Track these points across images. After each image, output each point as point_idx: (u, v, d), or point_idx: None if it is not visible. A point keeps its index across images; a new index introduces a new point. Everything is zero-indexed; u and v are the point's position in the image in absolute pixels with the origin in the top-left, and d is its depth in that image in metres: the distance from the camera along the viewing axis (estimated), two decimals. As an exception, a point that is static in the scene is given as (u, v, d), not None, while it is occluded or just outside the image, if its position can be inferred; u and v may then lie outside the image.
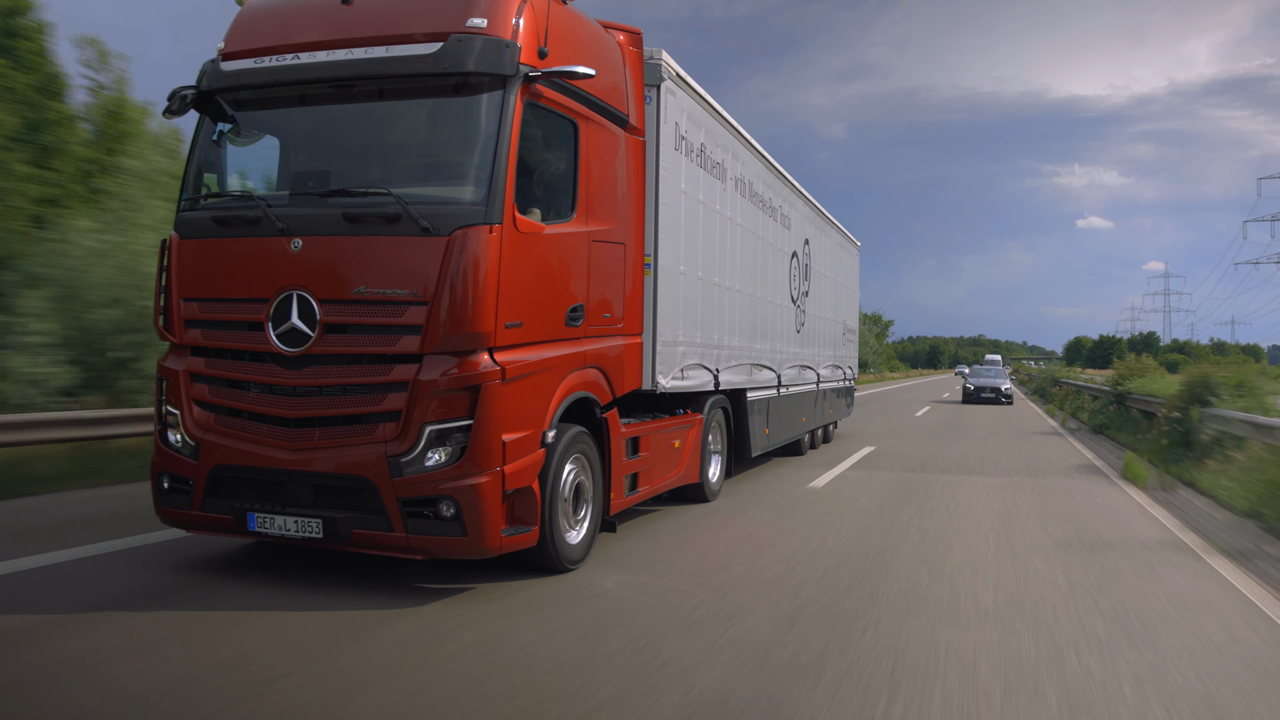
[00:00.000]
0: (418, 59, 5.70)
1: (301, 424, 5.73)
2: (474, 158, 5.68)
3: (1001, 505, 9.98)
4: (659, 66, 7.79)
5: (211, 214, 6.14)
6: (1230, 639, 5.28)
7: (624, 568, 6.59)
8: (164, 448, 6.18)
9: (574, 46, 6.37)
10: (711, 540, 7.65)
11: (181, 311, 6.16)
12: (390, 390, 5.56)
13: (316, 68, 5.92)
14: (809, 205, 14.51)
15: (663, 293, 7.90)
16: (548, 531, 6.07)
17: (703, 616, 5.37)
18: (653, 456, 7.98)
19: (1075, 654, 4.88)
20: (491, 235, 5.52)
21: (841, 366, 17.52)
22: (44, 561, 6.32)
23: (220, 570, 6.25)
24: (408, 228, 5.54)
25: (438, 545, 5.58)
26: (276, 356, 5.79)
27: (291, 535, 5.69)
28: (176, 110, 6.32)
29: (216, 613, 5.25)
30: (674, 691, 4.17)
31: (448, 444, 5.52)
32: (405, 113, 6.08)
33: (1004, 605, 5.77)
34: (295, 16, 6.25)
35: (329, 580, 6.01)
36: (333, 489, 5.68)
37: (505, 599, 5.68)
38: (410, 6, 5.98)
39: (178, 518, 6.15)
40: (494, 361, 5.59)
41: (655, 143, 7.78)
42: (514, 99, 5.70)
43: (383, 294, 5.58)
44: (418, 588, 5.90)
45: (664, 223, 7.86)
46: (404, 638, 4.86)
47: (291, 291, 5.73)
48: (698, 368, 8.97)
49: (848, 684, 4.34)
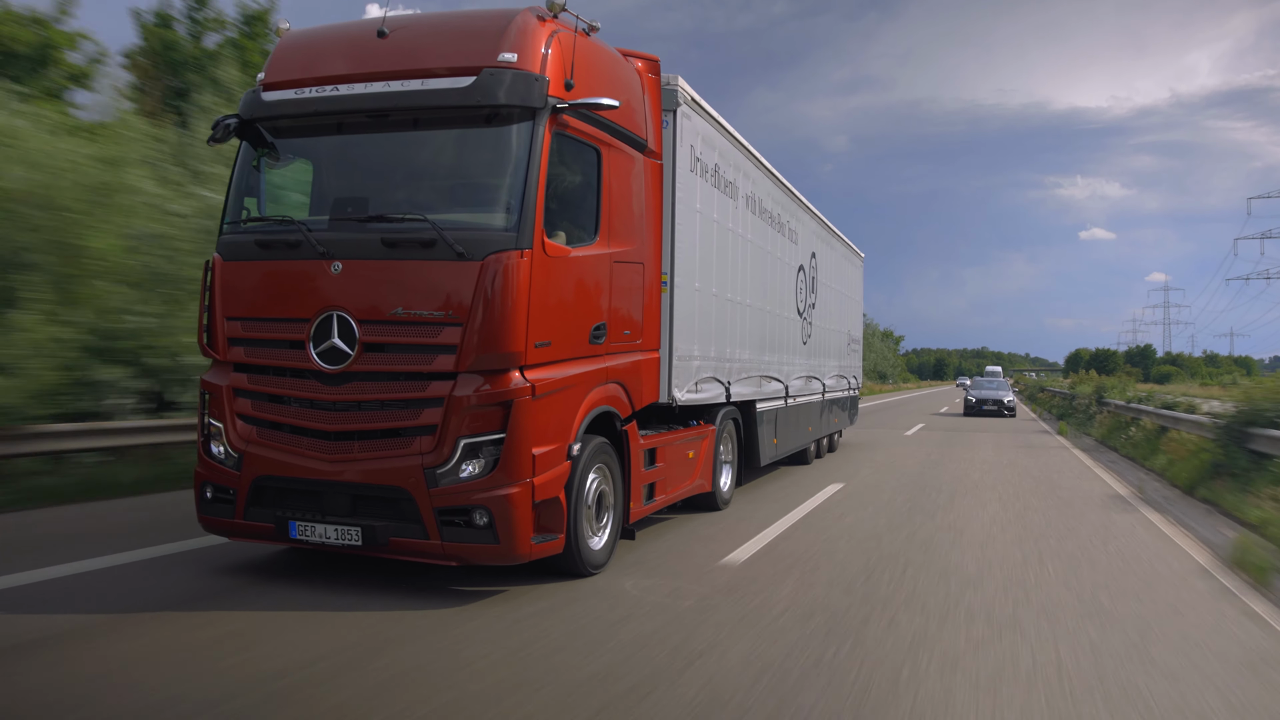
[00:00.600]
0: (452, 92, 6.02)
1: (341, 437, 6.05)
2: (505, 185, 6.01)
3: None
4: (675, 92, 8.12)
5: (254, 237, 6.46)
6: (1071, 466, 16.13)
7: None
8: (207, 459, 6.49)
9: (597, 77, 6.70)
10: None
11: (225, 330, 6.48)
12: (426, 406, 5.88)
13: (354, 99, 6.24)
14: (815, 219, 14.84)
15: (678, 309, 8.22)
16: (573, 539, 6.39)
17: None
18: (669, 467, 8.30)
19: (1012, 471, 12.57)
20: (522, 260, 5.85)
21: (846, 376, 17.84)
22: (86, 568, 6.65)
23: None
24: (443, 252, 5.86)
25: (471, 552, 5.89)
26: (317, 373, 6.10)
27: (331, 543, 6.01)
28: (220, 138, 6.64)
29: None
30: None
31: (481, 456, 5.83)
32: (439, 142, 6.42)
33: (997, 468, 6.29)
34: (333, 49, 6.58)
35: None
36: (371, 499, 6.00)
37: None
38: (444, 40, 6.31)
39: (221, 526, 6.46)
40: (524, 379, 5.91)
41: (671, 165, 8.10)
42: (543, 129, 6.03)
43: (419, 315, 5.90)
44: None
45: (680, 242, 8.19)
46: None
47: (332, 312, 6.06)
48: (710, 381, 9.29)
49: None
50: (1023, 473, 15.02)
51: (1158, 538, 9.22)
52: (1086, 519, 10.28)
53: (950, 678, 4.77)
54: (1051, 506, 11.18)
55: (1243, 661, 5.27)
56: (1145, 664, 5.12)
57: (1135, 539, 9.09)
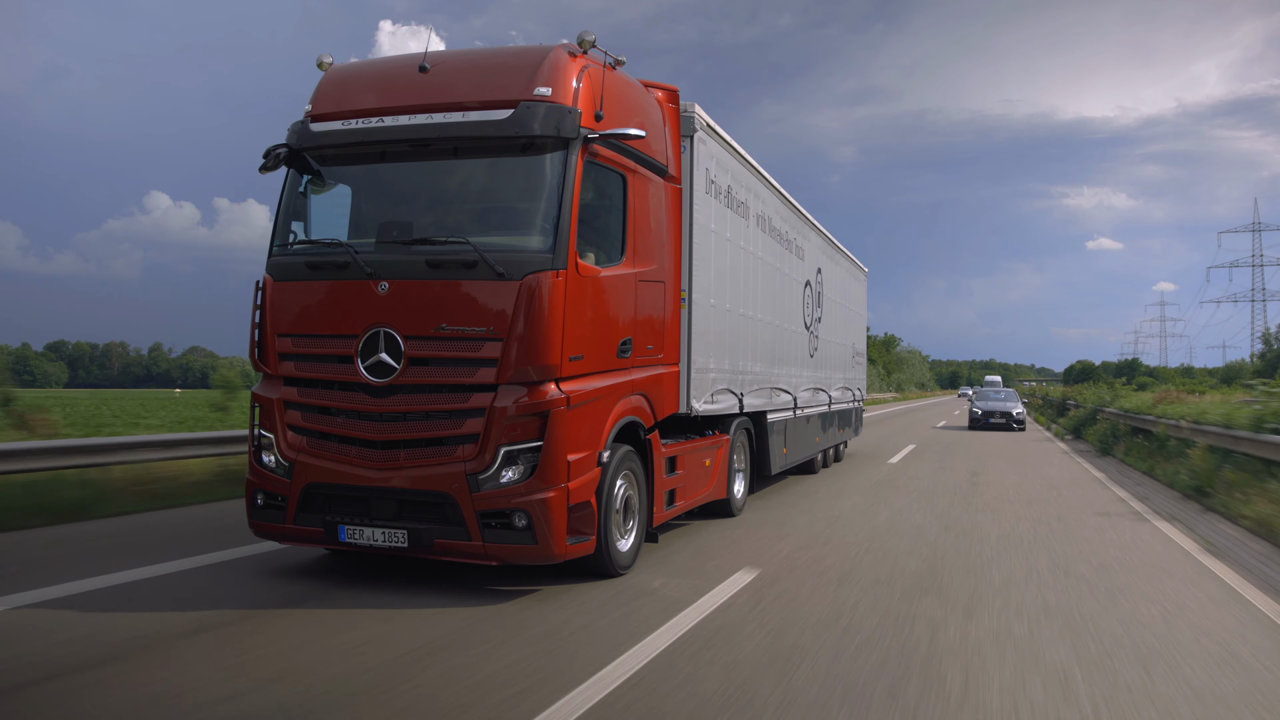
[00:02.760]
0: (490, 123, 6.48)
1: (387, 446, 6.46)
2: (541, 210, 6.45)
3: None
4: (693, 119, 8.58)
5: (303, 259, 6.90)
6: (1043, 447, 24.59)
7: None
8: (258, 468, 6.90)
9: (624, 107, 7.15)
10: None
11: (275, 346, 6.90)
12: (469, 416, 6.30)
13: (398, 130, 6.70)
14: (821, 235, 15.30)
15: (696, 325, 8.65)
16: (603, 540, 6.80)
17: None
18: (688, 474, 8.72)
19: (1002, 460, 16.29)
20: (558, 280, 6.28)
21: (851, 388, 18.27)
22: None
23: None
24: (484, 273, 6.29)
25: (511, 553, 6.31)
26: (364, 386, 6.53)
27: (379, 545, 6.42)
28: (270, 166, 7.08)
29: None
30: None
31: (520, 463, 6.26)
32: (478, 170, 6.88)
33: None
34: (376, 82, 7.04)
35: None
36: (416, 503, 6.41)
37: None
38: (482, 75, 6.77)
39: (272, 531, 6.87)
40: (560, 390, 6.34)
41: (690, 188, 8.56)
42: (575, 158, 6.48)
43: (462, 331, 6.33)
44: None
45: (697, 260, 8.63)
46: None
47: (379, 329, 6.48)
48: (725, 392, 9.71)
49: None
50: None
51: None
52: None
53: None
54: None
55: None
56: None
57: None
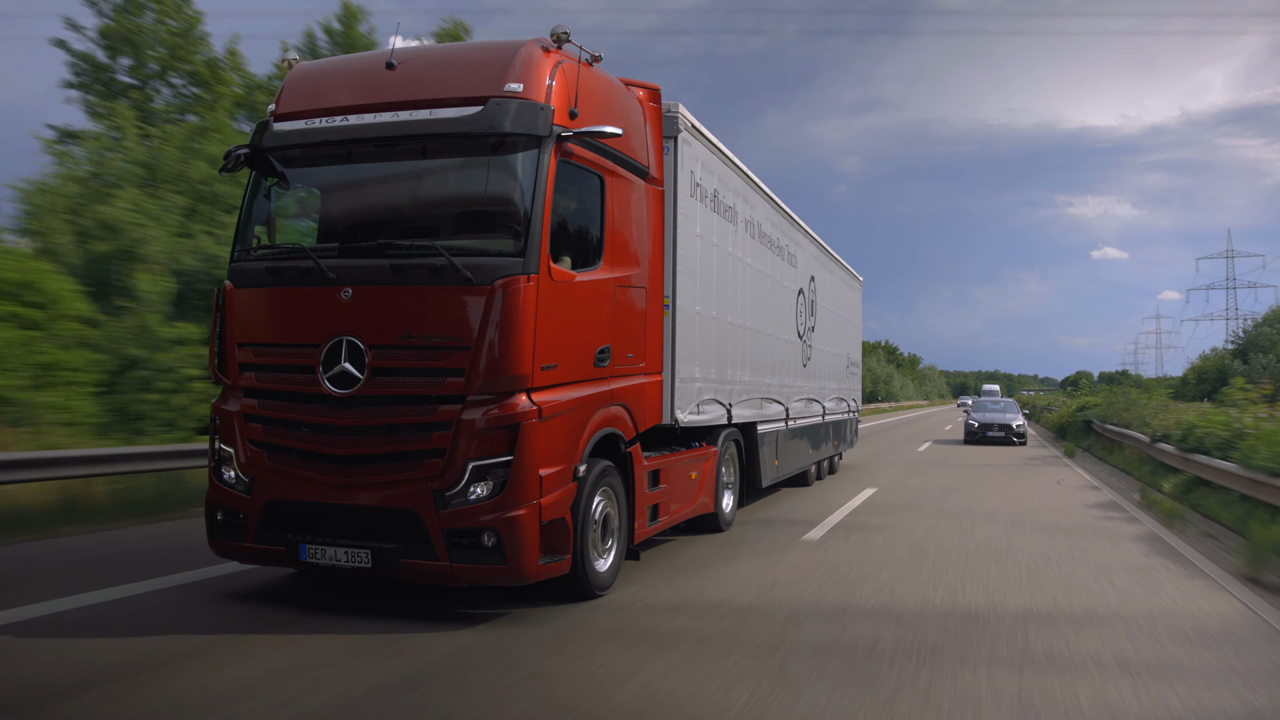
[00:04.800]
0: (459, 120, 6.16)
1: (351, 461, 6.13)
2: (512, 212, 6.13)
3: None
4: (676, 119, 8.27)
5: (265, 265, 6.58)
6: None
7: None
8: (218, 484, 6.56)
9: (601, 105, 6.84)
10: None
11: (236, 356, 6.58)
12: (435, 429, 5.97)
13: (363, 129, 6.38)
14: (814, 243, 15.00)
15: (680, 332, 8.33)
16: (579, 560, 6.46)
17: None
18: (672, 488, 8.38)
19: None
20: (529, 284, 5.96)
21: (845, 399, 17.94)
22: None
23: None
24: (451, 278, 5.97)
25: (479, 573, 5.97)
26: (327, 398, 6.19)
27: (342, 565, 6.08)
28: (231, 168, 6.77)
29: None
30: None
31: (489, 479, 5.92)
32: (447, 170, 6.55)
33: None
34: (342, 80, 6.74)
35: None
36: (381, 521, 6.07)
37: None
38: (451, 71, 6.47)
39: (233, 550, 6.53)
40: (531, 402, 6.01)
41: (673, 190, 8.24)
42: (548, 157, 6.16)
43: (428, 339, 6.01)
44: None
45: (681, 266, 8.31)
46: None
47: (342, 337, 6.15)
48: (712, 403, 9.39)
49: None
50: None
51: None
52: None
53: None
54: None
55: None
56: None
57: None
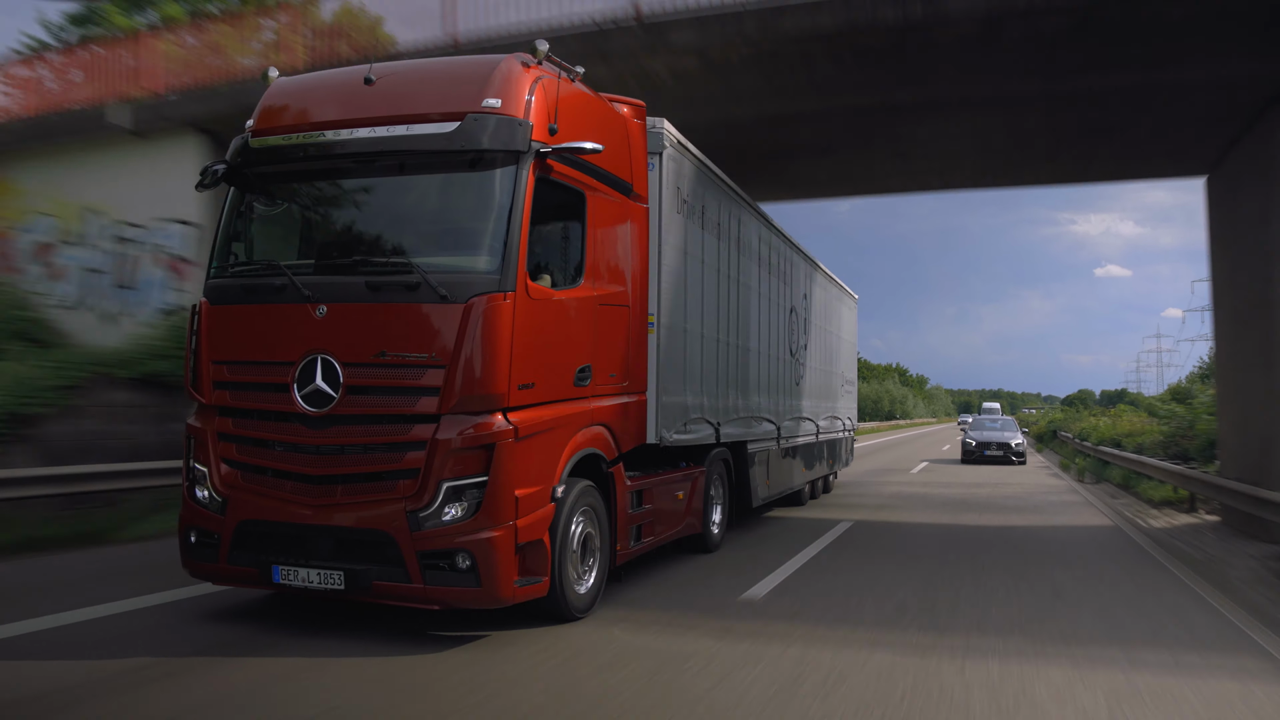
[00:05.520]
0: (436, 137, 6.09)
1: (324, 481, 6.03)
2: (489, 229, 6.05)
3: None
4: (661, 135, 8.19)
5: (240, 282, 6.51)
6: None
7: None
8: (192, 503, 6.46)
9: (582, 121, 6.78)
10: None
11: (211, 373, 6.49)
12: (409, 449, 5.87)
13: (340, 144, 6.31)
14: (806, 261, 14.92)
15: (666, 351, 8.23)
16: (558, 582, 6.34)
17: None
18: (657, 508, 8.26)
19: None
20: (505, 302, 5.88)
21: (840, 417, 17.82)
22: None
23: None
24: (427, 295, 5.89)
25: (454, 596, 5.85)
26: (301, 416, 6.10)
27: (314, 587, 5.97)
28: (208, 184, 6.71)
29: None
30: None
31: (464, 499, 5.81)
32: (424, 186, 6.48)
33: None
34: (320, 96, 6.68)
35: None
36: (354, 542, 5.96)
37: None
38: (430, 87, 6.41)
39: (205, 570, 6.43)
40: (507, 421, 5.91)
41: (658, 207, 8.15)
42: (526, 174, 6.09)
43: (402, 357, 5.92)
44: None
45: (666, 283, 8.22)
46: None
47: (316, 355, 6.06)
48: (700, 421, 9.28)
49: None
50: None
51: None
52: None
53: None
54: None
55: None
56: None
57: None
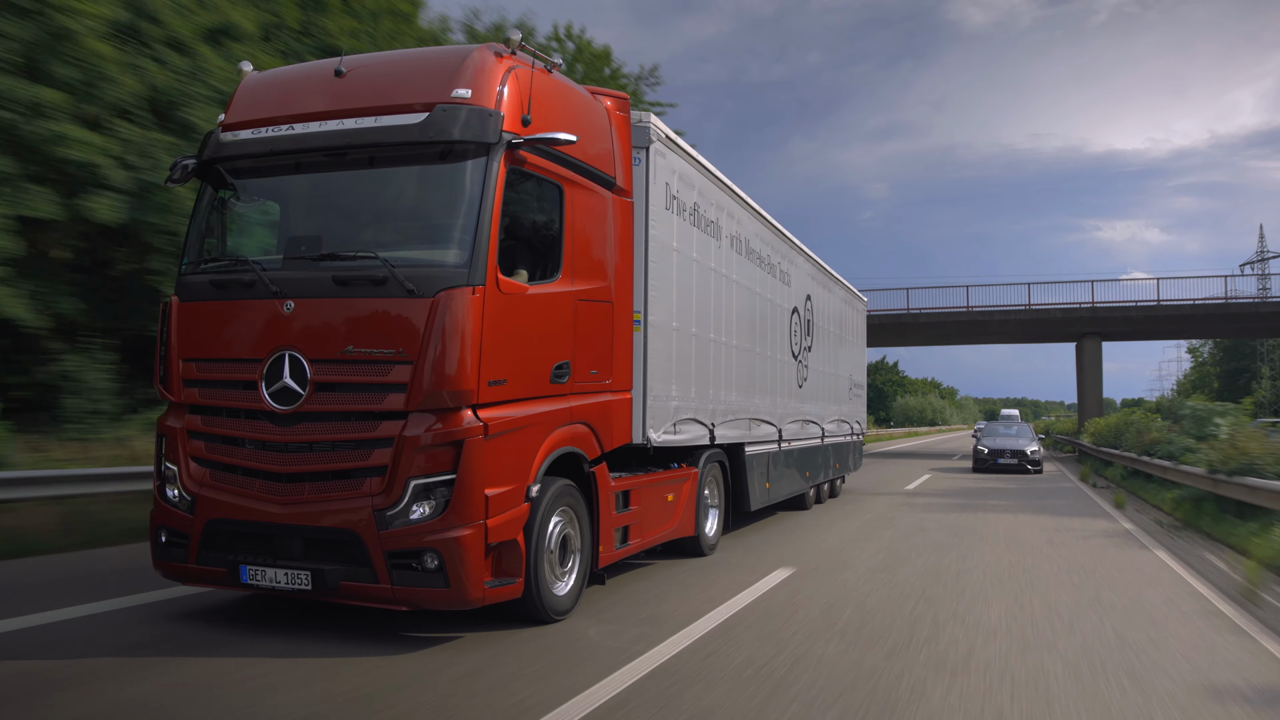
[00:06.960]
0: (405, 128, 5.97)
1: (292, 479, 5.91)
2: (458, 222, 5.91)
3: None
4: (647, 129, 8.03)
5: (209, 278, 6.40)
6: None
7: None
8: (162, 503, 6.36)
9: (558, 113, 6.63)
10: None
11: (180, 371, 6.39)
12: (377, 446, 5.74)
13: (310, 137, 6.21)
14: (810, 261, 14.72)
15: (653, 349, 8.05)
16: (533, 583, 6.18)
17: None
18: (644, 510, 8.09)
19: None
20: (474, 296, 5.73)
21: (848, 421, 17.57)
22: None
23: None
24: (394, 290, 5.76)
25: (421, 596, 5.70)
26: (269, 414, 5.98)
27: (282, 587, 5.84)
28: (178, 179, 6.62)
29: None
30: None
31: (432, 498, 5.67)
32: (394, 179, 6.36)
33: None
34: (292, 89, 6.59)
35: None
36: (321, 542, 5.84)
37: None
38: (400, 78, 6.30)
39: (175, 571, 6.32)
40: (476, 418, 5.76)
41: (645, 203, 7.99)
42: (497, 165, 5.95)
43: (370, 353, 5.79)
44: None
45: (654, 280, 8.05)
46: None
47: (284, 352, 5.95)
48: (691, 422, 9.10)
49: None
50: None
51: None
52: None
53: None
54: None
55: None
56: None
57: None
